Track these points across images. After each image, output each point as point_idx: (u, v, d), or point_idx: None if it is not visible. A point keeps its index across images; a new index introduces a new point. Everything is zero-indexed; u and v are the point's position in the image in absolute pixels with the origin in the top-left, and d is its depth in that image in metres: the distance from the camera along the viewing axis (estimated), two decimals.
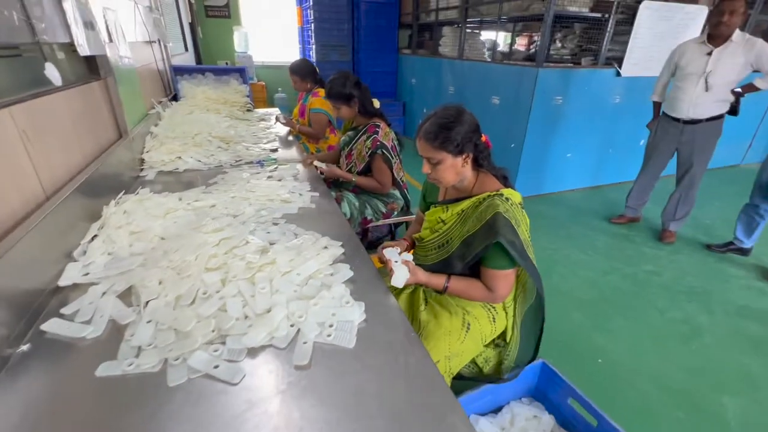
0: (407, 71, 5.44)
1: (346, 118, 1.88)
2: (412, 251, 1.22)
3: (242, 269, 0.92)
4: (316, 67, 2.56)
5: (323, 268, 0.97)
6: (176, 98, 2.68)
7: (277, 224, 1.20)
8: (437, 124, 0.98)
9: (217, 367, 0.69)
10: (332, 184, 1.98)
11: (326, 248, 1.06)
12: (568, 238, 2.83)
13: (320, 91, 2.47)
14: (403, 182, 1.90)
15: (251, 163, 1.81)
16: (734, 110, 2.45)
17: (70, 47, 1.21)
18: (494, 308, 1.13)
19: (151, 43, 2.36)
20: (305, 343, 0.75)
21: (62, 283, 0.88)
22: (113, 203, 1.20)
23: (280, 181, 1.59)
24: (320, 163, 1.82)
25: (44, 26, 0.95)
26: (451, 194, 1.15)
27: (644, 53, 3.27)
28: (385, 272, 1.09)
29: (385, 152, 1.74)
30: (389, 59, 5.55)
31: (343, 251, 1.07)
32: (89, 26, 1.21)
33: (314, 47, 5.25)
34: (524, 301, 1.17)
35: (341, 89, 1.74)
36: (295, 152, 2.07)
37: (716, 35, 2.31)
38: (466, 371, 1.17)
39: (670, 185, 2.82)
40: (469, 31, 4.16)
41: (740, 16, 2.21)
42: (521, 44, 5.70)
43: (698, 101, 2.42)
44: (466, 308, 1.10)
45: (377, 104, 1.85)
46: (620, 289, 2.26)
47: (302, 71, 2.49)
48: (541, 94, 3.10)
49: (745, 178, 3.88)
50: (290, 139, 2.34)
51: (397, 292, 1.16)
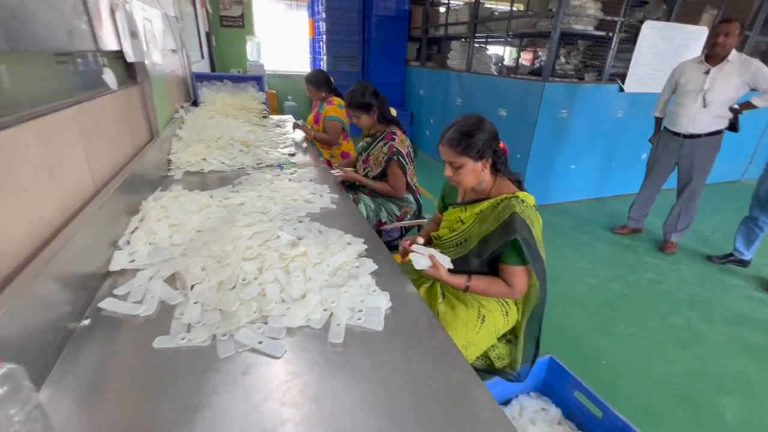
0: (415, 82, 5.58)
1: (365, 126, 1.97)
2: None
3: (276, 259, 1.00)
4: (330, 77, 2.68)
5: (350, 260, 1.05)
6: (196, 103, 2.80)
7: (302, 221, 1.29)
8: (460, 131, 1.07)
9: (261, 342, 0.76)
10: (348, 187, 2.07)
11: (350, 244, 1.14)
12: (572, 246, 2.91)
13: (334, 99, 2.58)
14: (416, 187, 1.99)
15: (271, 166, 1.90)
16: (734, 127, 2.55)
17: (113, 54, 1.31)
18: (507, 303, 1.20)
19: (175, 51, 2.48)
20: (338, 324, 0.83)
21: (113, 268, 0.96)
22: (151, 198, 1.28)
23: (300, 182, 1.68)
24: (336, 171, 1.91)
25: (102, 35, 1.05)
26: (470, 196, 1.23)
27: (646, 71, 3.38)
28: (406, 268, 1.16)
29: (400, 158, 1.83)
30: (398, 71, 5.71)
31: (365, 247, 1.14)
32: (134, 35, 1.31)
33: (325, 58, 5.40)
34: (529, 301, 1.23)
35: (361, 99, 1.85)
36: (311, 157, 2.17)
37: (713, 55, 2.44)
38: (479, 363, 1.24)
39: (671, 198, 2.90)
40: (477, 45, 4.30)
41: (735, 37, 2.33)
42: (526, 59, 5.85)
43: (697, 117, 2.52)
44: (481, 302, 1.18)
45: (394, 112, 1.95)
46: (623, 295, 2.33)
47: (317, 81, 2.61)
48: (547, 107, 3.21)
49: (745, 193, 3.95)
50: (304, 145, 2.44)
51: (416, 285, 1.23)
